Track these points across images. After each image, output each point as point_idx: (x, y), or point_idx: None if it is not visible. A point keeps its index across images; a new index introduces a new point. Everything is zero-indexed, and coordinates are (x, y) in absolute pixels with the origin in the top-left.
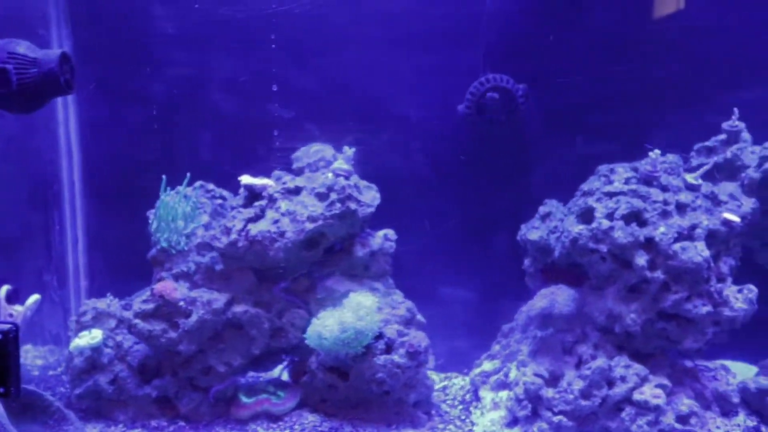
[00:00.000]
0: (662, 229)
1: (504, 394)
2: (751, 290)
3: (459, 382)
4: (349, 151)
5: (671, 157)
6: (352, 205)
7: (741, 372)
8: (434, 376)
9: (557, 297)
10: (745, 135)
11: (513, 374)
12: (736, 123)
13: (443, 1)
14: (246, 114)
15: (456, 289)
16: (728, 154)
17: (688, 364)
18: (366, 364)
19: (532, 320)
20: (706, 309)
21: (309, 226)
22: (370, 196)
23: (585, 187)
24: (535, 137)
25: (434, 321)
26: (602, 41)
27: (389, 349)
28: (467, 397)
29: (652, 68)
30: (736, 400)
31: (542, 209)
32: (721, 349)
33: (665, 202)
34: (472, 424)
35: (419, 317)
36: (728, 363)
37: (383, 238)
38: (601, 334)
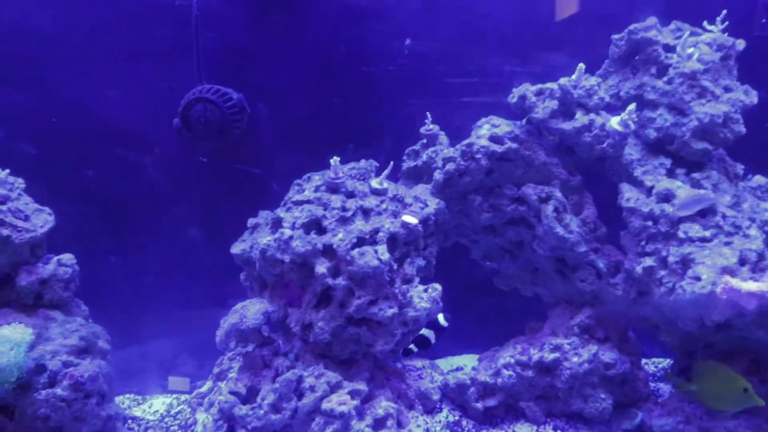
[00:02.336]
0: (340, 235)
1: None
2: (435, 289)
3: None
4: (2, 173)
5: (363, 163)
6: (5, 231)
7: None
8: (174, 400)
9: (247, 312)
10: (442, 138)
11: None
12: (431, 127)
13: (155, 11)
14: None
15: (212, 308)
16: (425, 157)
17: (397, 365)
18: (27, 401)
19: (228, 336)
20: (392, 311)
21: None
22: (41, 220)
23: (286, 196)
24: (265, 149)
25: (197, 342)
26: (326, 50)
27: (53, 382)
28: (190, 420)
29: (390, 72)
30: (436, 397)
31: (251, 221)
32: (468, 344)
33: (343, 209)
34: None
35: (102, 344)
36: (469, 356)
37: (56, 263)
38: (302, 344)
